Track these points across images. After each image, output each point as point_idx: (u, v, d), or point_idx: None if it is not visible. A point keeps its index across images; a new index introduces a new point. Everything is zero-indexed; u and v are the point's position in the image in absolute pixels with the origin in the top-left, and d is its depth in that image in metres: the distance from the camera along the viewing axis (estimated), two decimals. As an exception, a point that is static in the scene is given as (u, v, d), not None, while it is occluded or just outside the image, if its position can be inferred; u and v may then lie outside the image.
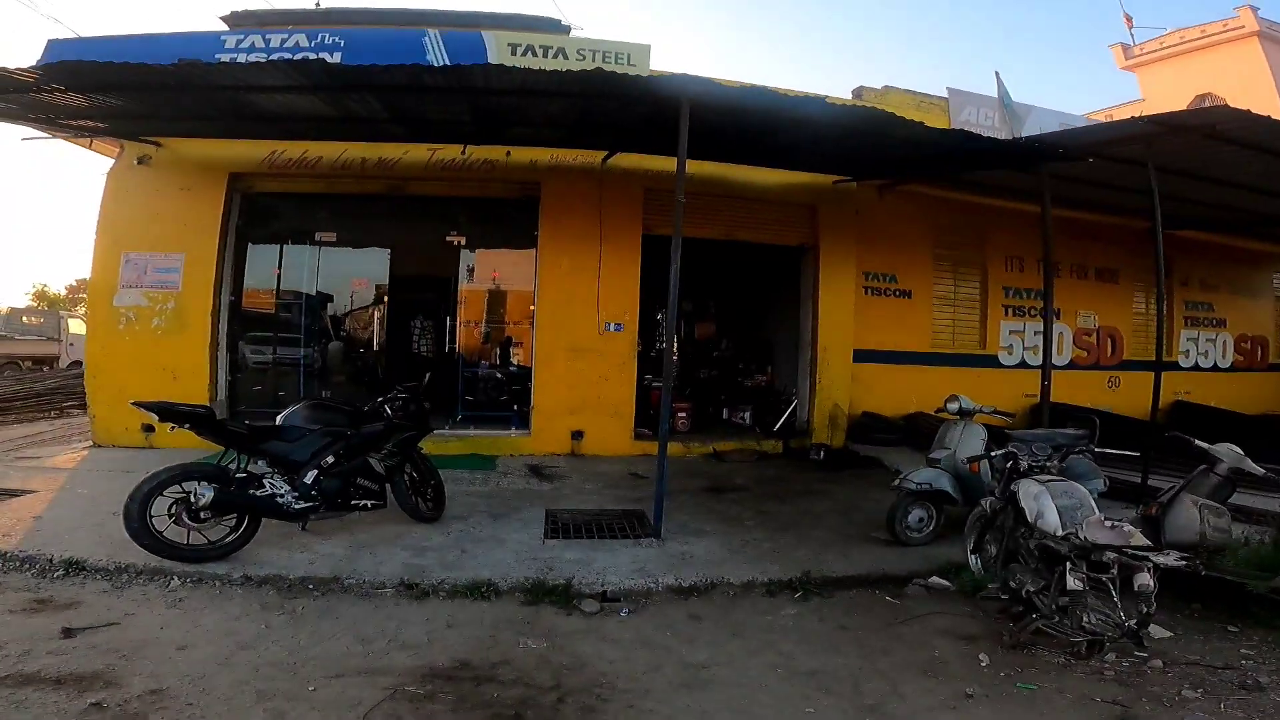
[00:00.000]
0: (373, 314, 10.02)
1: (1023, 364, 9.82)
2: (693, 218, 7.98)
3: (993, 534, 4.30)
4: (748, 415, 9.45)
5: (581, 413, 8.07)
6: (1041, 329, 6.90)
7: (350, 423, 5.01)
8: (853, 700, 3.20)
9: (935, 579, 4.58)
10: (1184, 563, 3.32)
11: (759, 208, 8.69)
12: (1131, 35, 21.94)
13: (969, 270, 10.00)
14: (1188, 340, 11.37)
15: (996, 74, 9.60)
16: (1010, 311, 10.04)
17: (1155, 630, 3.80)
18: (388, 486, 5.14)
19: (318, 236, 8.39)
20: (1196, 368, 11.35)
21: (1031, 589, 3.71)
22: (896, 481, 5.27)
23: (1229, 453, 4.46)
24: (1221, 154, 6.47)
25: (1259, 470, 4.42)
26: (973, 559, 4.50)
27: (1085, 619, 3.41)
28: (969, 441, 5.19)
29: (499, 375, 8.88)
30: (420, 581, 4.25)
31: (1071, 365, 10.29)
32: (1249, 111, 5.54)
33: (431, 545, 4.90)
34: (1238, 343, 11.73)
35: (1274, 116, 5.72)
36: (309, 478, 4.66)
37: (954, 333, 9.88)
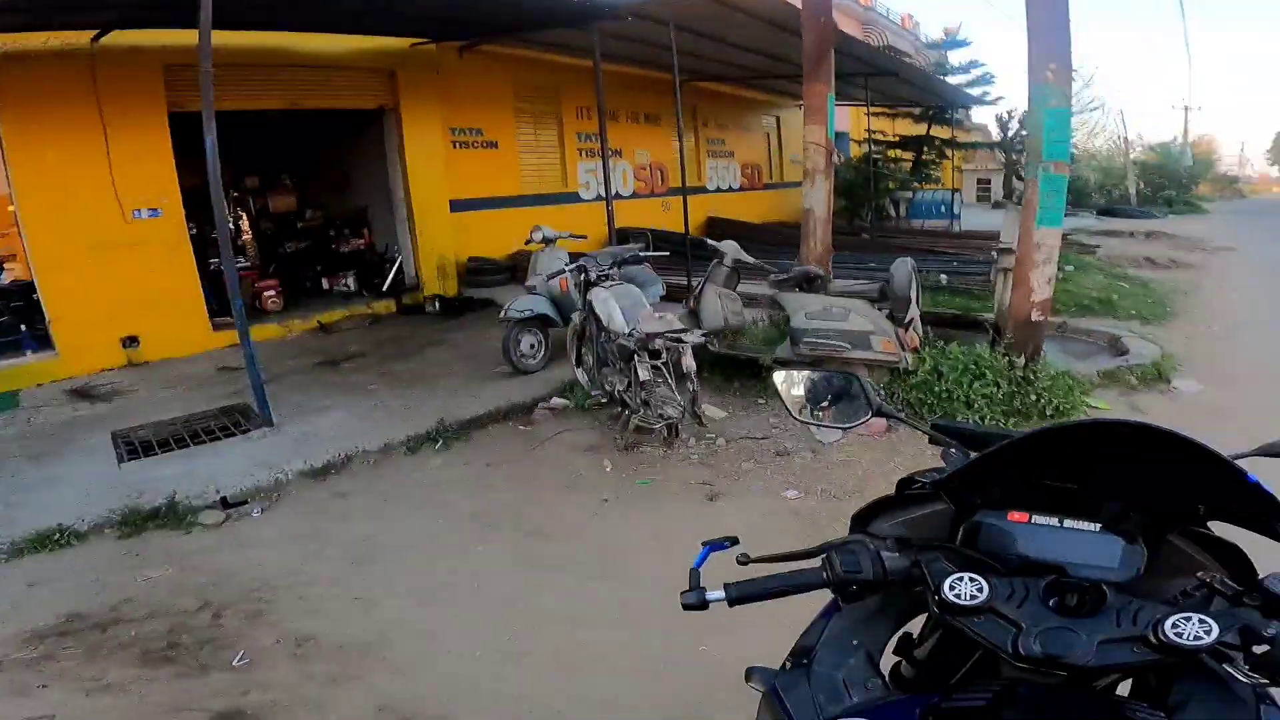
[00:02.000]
0: None
1: (599, 197, 10.99)
2: (246, 89, 6.98)
3: (587, 345, 4.78)
4: (351, 281, 8.80)
5: (131, 315, 6.45)
6: (604, 166, 7.78)
7: None
8: (517, 529, 3.43)
9: (556, 399, 4.98)
10: (704, 338, 3.98)
11: (331, 75, 7.82)
12: None
13: (548, 120, 10.74)
14: (711, 169, 14.12)
15: None
16: (584, 154, 11.15)
17: (714, 411, 4.57)
18: None
19: None
20: (719, 190, 14.28)
21: (620, 388, 4.22)
22: (502, 314, 5.52)
23: (730, 246, 5.33)
24: (733, 20, 7.68)
25: (750, 259, 5.37)
26: (578, 372, 4.96)
27: (663, 408, 3.94)
28: (553, 264, 5.52)
29: (-13, 295, 6.44)
30: (-41, 553, 3.14)
31: (634, 195, 12.10)
32: None
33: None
34: (742, 169, 15.03)
35: None
36: None
37: (540, 176, 10.61)
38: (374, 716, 2.31)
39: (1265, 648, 0.75)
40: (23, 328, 6.34)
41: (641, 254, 5.12)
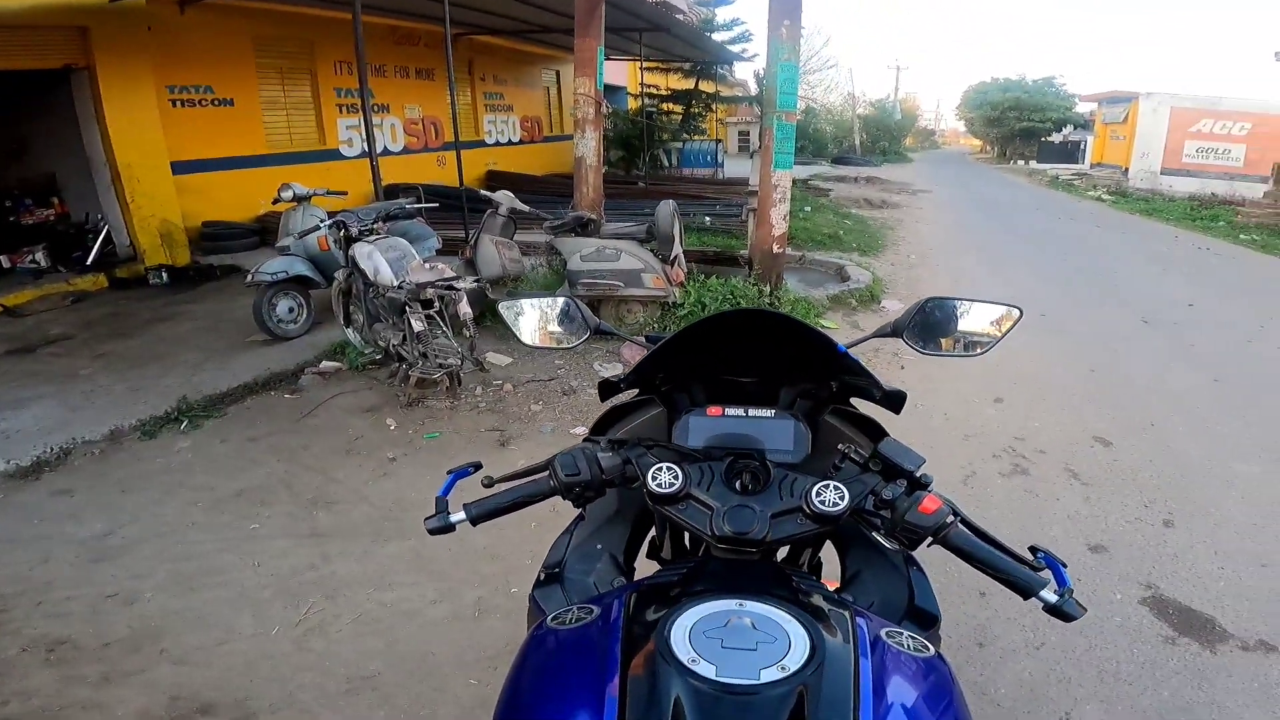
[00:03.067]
0: None
1: (363, 154, 10.22)
2: None
3: (355, 303, 4.50)
4: (41, 256, 7.16)
5: None
6: (375, 123, 7.21)
7: None
8: (294, 501, 3.16)
9: (326, 363, 4.63)
10: (478, 283, 3.98)
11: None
12: None
13: (299, 76, 9.73)
14: (489, 123, 13.73)
15: None
16: (345, 110, 10.23)
17: (499, 358, 4.55)
18: None
19: None
20: (498, 143, 13.96)
21: (395, 342, 4.04)
22: (250, 277, 4.96)
23: (504, 196, 5.34)
24: None
25: (524, 207, 5.42)
26: (349, 332, 4.66)
27: (439, 357, 3.86)
28: (307, 222, 5.13)
29: None
30: None
31: (405, 151, 11.39)
32: None
33: None
34: (522, 123, 14.81)
35: None
36: None
37: (290, 133, 9.60)
38: (169, 708, 2.07)
39: (888, 512, 0.85)
40: None
41: (409, 206, 4.83)
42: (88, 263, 6.97)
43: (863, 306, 5.99)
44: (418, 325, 3.83)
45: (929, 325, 1.17)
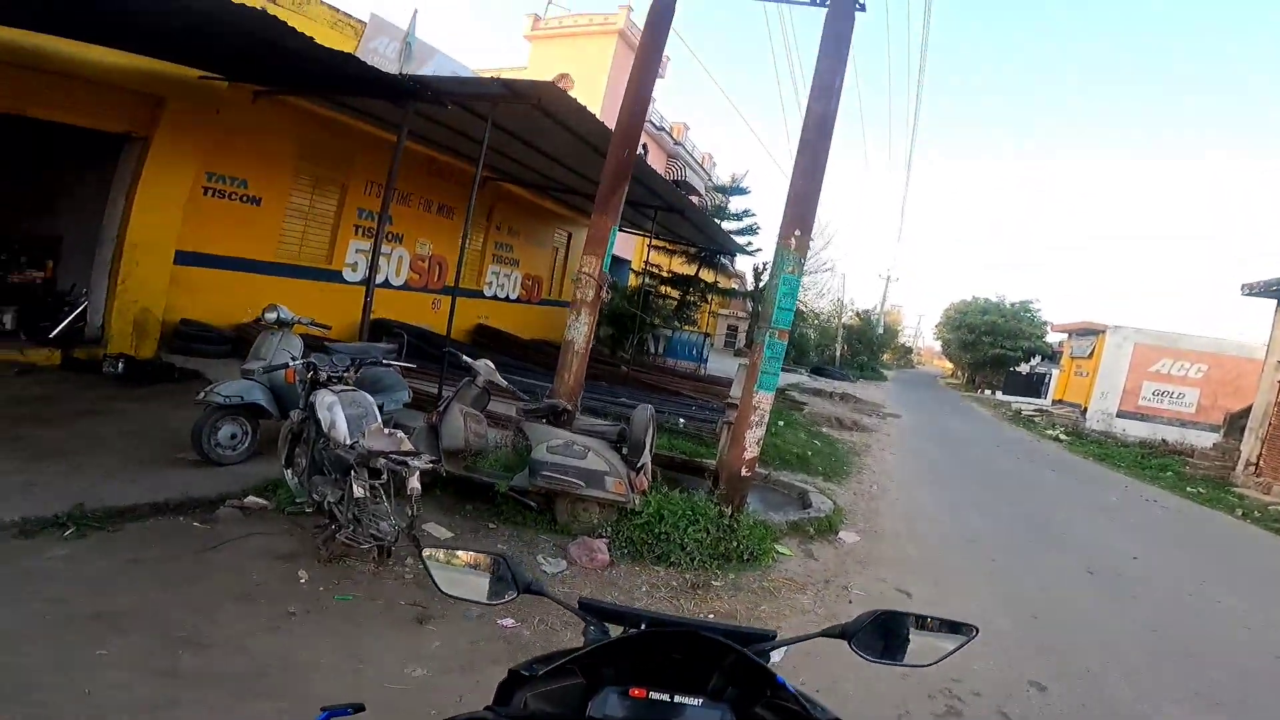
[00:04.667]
0: None
1: (364, 281, 10.35)
2: None
3: (302, 447, 4.29)
4: (9, 318, 6.97)
5: None
6: (384, 251, 7.33)
7: None
8: (158, 636, 2.83)
9: (252, 498, 4.36)
10: (434, 464, 3.79)
11: (78, 86, 6.62)
12: (546, 9, 23.73)
13: (329, 187, 9.90)
14: (492, 274, 14.04)
15: (414, 12, 9.56)
16: (360, 231, 10.36)
17: (438, 530, 4.35)
18: None
19: None
20: (496, 297, 14.17)
21: (332, 500, 3.82)
22: (202, 395, 4.76)
23: (485, 367, 5.25)
24: (544, 125, 7.85)
25: (503, 382, 5.35)
26: (288, 474, 4.41)
27: (377, 526, 3.65)
28: (280, 353, 5.02)
29: None
30: None
31: (406, 286, 11.41)
32: (563, 93, 6.77)
33: None
34: (524, 280, 15.19)
35: (595, 108, 7.18)
36: None
37: (302, 245, 9.65)
38: None
39: None
40: None
41: (386, 362, 4.76)
42: (51, 335, 6.76)
43: (820, 536, 5.89)
44: (359, 492, 3.64)
45: (881, 634, 1.19)
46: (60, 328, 6.77)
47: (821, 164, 5.50)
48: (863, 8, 5.49)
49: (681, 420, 8.49)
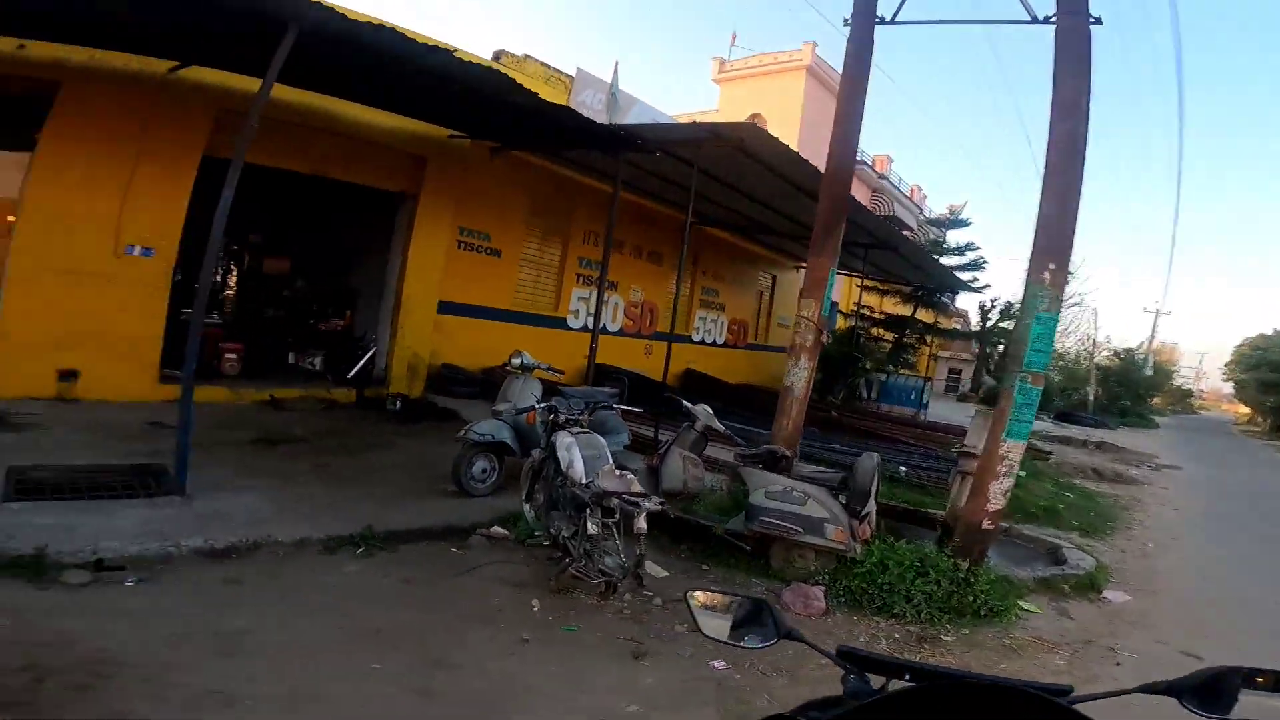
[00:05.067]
0: None
1: (586, 327, 11.07)
2: (279, 147, 7.00)
3: (541, 484, 4.66)
4: (319, 361, 8.59)
5: (78, 349, 6.23)
6: (598, 296, 7.84)
7: None
8: (420, 653, 3.19)
9: (496, 528, 4.79)
10: (662, 506, 3.93)
11: (363, 148, 7.97)
12: (730, 51, 24.74)
13: (554, 238, 10.80)
14: (700, 319, 14.32)
15: (615, 64, 10.49)
16: (581, 280, 11.21)
17: (655, 570, 4.47)
18: None
19: None
20: (704, 342, 14.44)
21: (566, 535, 4.09)
22: (462, 433, 5.38)
23: (703, 412, 5.40)
24: (746, 167, 7.97)
25: (721, 428, 5.47)
26: (526, 508, 4.80)
27: (603, 562, 3.84)
28: (525, 395, 5.50)
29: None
30: None
31: (621, 332, 12.07)
32: (766, 132, 6.86)
33: None
34: (730, 325, 15.30)
35: (790, 144, 7.17)
36: None
37: (535, 294, 10.62)
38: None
39: None
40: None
41: (615, 404, 5.08)
42: (348, 376, 8.18)
43: (1078, 594, 5.19)
44: (592, 528, 3.86)
45: (1215, 691, 1.04)
46: (355, 370, 8.20)
47: (1075, 188, 4.94)
48: (1098, 21, 4.89)
49: (903, 469, 7.92)
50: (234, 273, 8.73)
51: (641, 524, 3.78)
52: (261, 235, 9.41)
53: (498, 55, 9.07)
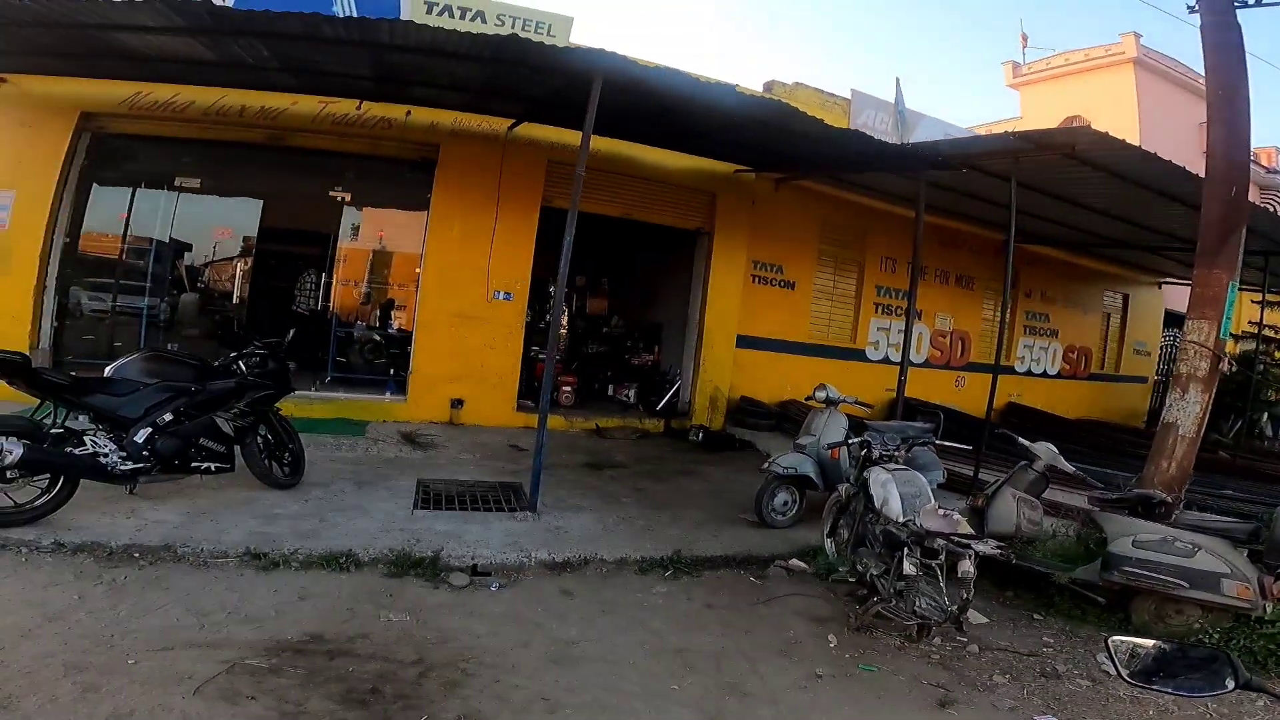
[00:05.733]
0: (236, 266, 9.18)
1: (886, 359, 10.50)
2: (594, 194, 7.91)
3: (846, 519, 4.53)
4: (632, 393, 9.53)
5: (463, 381, 7.83)
6: (904, 327, 7.35)
7: (197, 378, 4.56)
8: (715, 678, 3.29)
9: (795, 561, 4.79)
10: (999, 551, 3.59)
11: (661, 190, 8.71)
12: (1024, 54, 22.07)
13: (848, 267, 10.47)
14: (1024, 347, 12.52)
15: (897, 80, 10.01)
16: (880, 309, 10.65)
17: (974, 615, 4.09)
18: (237, 449, 4.75)
19: (178, 182, 7.62)
20: (1029, 373, 12.56)
21: (875, 573, 3.92)
22: (766, 465, 5.47)
23: (1046, 450, 4.81)
24: (1077, 174, 6.95)
25: (1070, 468, 4.85)
26: (828, 542, 4.72)
27: (917, 603, 3.62)
28: (832, 429, 5.43)
29: (377, 337, 8.47)
30: (269, 551, 3.97)
31: (927, 364, 11.09)
32: (1106, 134, 5.92)
33: (285, 513, 4.59)
34: (1065, 352, 13.09)
35: (1133, 143, 6.11)
36: (141, 436, 4.19)
37: (829, 326, 10.36)
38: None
39: None
40: (391, 371, 8.10)
41: (933, 438, 4.74)
42: (658, 408, 8.93)
43: None
44: (909, 569, 3.64)
45: None
46: (664, 402, 8.92)
47: None
48: None
49: None
50: (565, 313, 10.09)
51: (969, 567, 3.48)
52: (585, 277, 10.76)
53: (768, 86, 9.18)
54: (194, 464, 4.50)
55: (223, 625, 3.24)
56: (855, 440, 4.64)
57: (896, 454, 4.39)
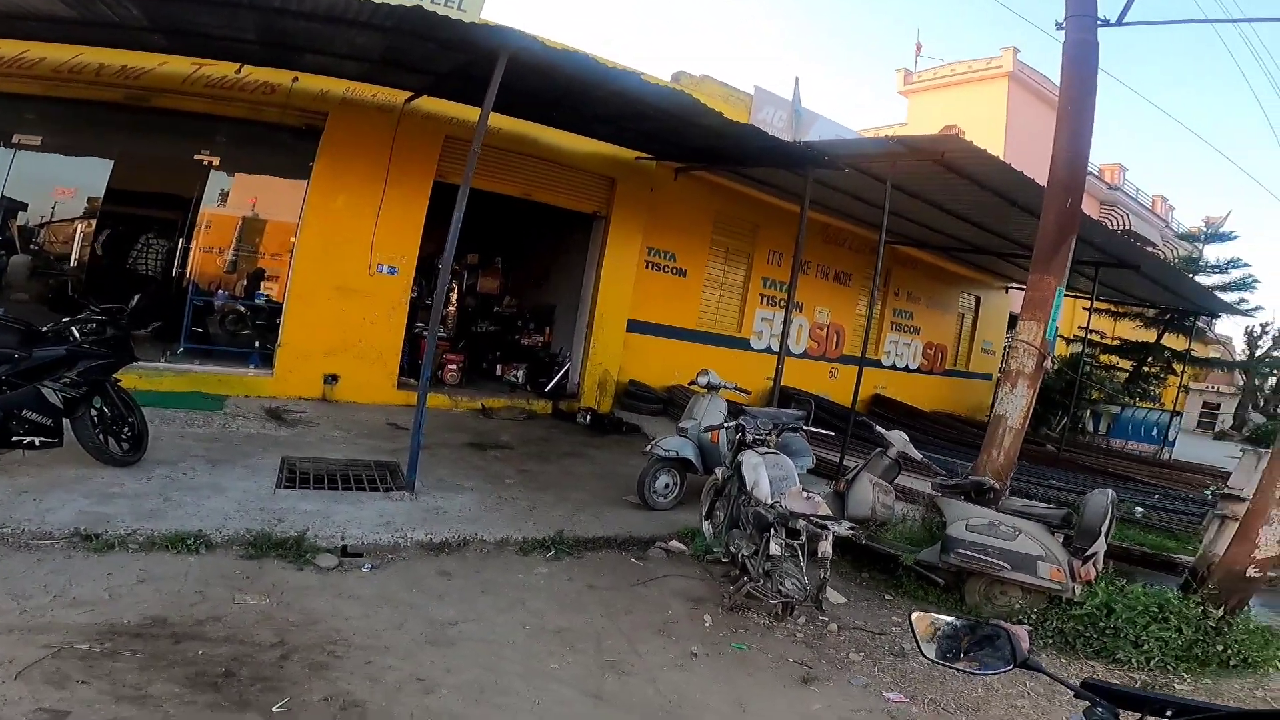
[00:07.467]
0: (77, 227, 8.20)
1: (769, 349, 10.94)
2: (494, 172, 7.76)
3: (722, 501, 4.71)
4: (521, 374, 9.41)
5: (339, 355, 7.41)
6: (785, 319, 7.72)
7: (21, 343, 4.05)
8: (595, 658, 3.35)
9: (674, 543, 4.92)
10: (852, 532, 3.88)
11: (561, 172, 8.64)
12: (916, 62, 23.29)
13: (738, 258, 10.82)
14: (890, 342, 13.48)
15: (796, 80, 10.38)
16: (765, 300, 11.09)
17: (833, 595, 4.36)
18: (67, 423, 4.27)
19: (16, 139, 6.78)
20: (894, 367, 13.56)
21: (746, 553, 4.10)
22: (649, 448, 5.59)
23: (899, 438, 5.17)
24: (945, 181, 7.50)
25: (918, 455, 5.22)
26: (705, 524, 4.91)
27: (782, 583, 3.82)
28: (712, 413, 5.60)
29: (241, 308, 7.82)
30: (103, 532, 3.64)
31: (805, 354, 11.71)
32: (971, 144, 6.41)
33: (124, 491, 4.20)
34: (925, 349, 14.24)
35: (996, 154, 6.66)
36: (-55, 407, 3.66)
37: (718, 314, 10.69)
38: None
39: None
40: (256, 344, 7.54)
41: (803, 425, 5.00)
42: (546, 389, 8.86)
43: None
44: (775, 549, 3.84)
45: None
46: (552, 383, 8.87)
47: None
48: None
49: (1139, 509, 6.90)
50: (454, 290, 9.83)
51: (826, 548, 3.72)
52: (479, 255, 10.48)
53: (676, 76, 9.30)
54: (15, 437, 4.00)
55: (47, 609, 2.94)
56: (731, 424, 4.79)
57: (769, 438, 4.59)
